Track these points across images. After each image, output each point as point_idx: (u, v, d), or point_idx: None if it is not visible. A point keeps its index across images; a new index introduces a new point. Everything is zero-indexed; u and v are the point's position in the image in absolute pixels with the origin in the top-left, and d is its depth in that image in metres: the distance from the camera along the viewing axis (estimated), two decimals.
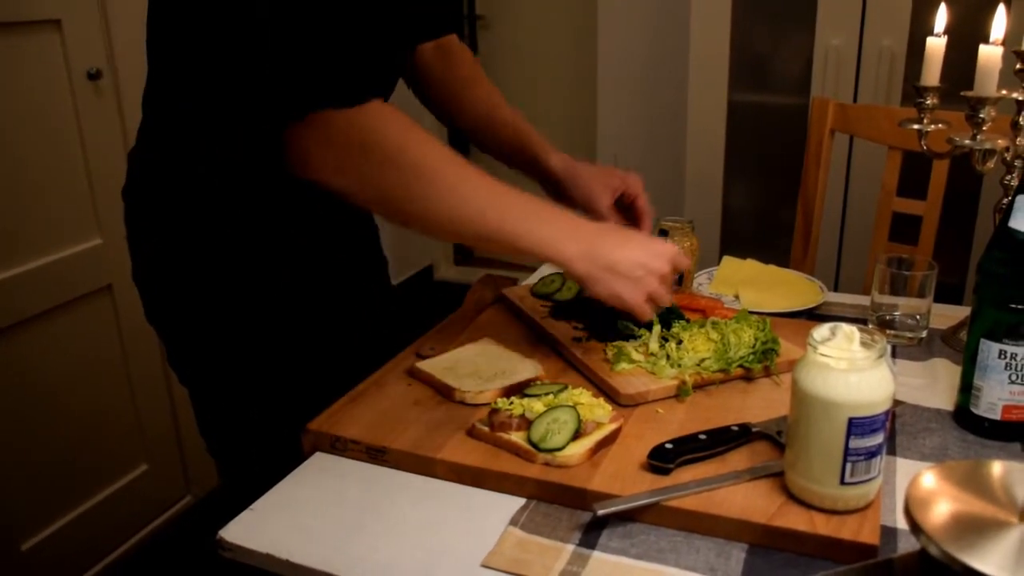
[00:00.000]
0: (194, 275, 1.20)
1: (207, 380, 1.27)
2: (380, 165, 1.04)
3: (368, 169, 1.04)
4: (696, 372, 1.13)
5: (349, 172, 1.05)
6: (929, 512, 0.63)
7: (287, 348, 1.23)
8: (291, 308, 1.22)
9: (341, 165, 1.04)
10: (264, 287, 1.20)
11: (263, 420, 1.24)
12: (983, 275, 1.04)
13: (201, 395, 1.30)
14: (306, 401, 1.11)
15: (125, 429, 2.35)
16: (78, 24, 2.07)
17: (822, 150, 1.89)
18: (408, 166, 1.04)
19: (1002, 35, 1.21)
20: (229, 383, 1.25)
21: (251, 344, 1.22)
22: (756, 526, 0.86)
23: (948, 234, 1.89)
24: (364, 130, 1.03)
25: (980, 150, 1.22)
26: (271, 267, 1.19)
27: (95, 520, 2.27)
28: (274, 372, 1.23)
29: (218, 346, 1.23)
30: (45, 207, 2.06)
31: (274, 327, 1.22)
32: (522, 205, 1.08)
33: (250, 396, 1.25)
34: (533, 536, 0.88)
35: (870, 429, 0.84)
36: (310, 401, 1.11)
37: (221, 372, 1.25)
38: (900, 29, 2.44)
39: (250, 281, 1.20)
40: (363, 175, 1.05)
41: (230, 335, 1.22)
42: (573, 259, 1.07)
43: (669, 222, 1.44)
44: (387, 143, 1.03)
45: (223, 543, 0.89)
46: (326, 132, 1.03)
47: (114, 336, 2.27)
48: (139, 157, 1.25)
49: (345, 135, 1.03)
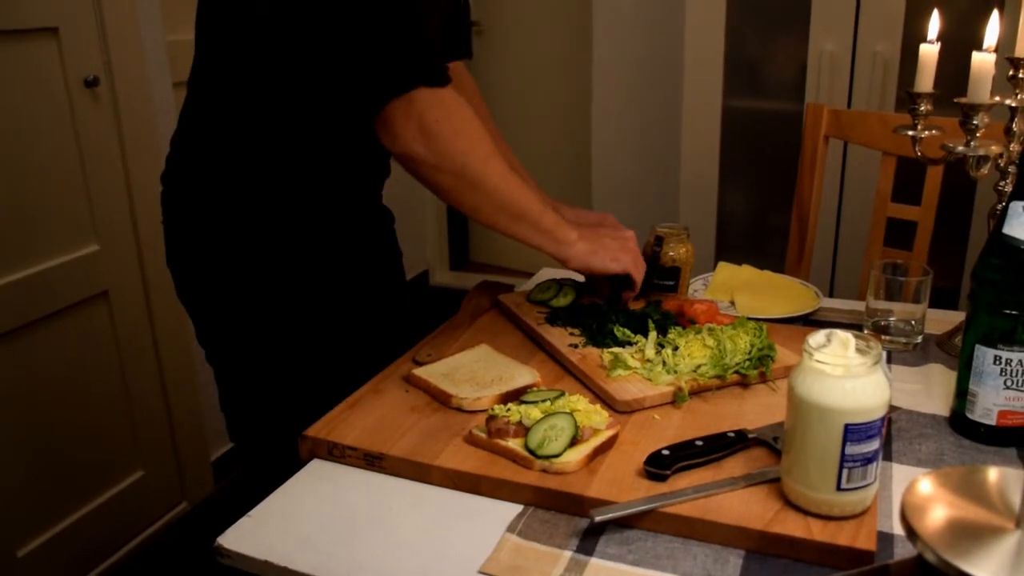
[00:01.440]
0: (224, 258, 1.27)
1: (231, 359, 1.35)
2: (448, 139, 1.17)
3: (435, 144, 1.17)
4: (692, 378, 1.14)
5: (423, 143, 1.16)
6: (925, 518, 0.64)
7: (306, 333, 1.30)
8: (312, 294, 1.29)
9: (417, 136, 1.16)
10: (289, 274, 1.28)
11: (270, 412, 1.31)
12: (977, 281, 1.05)
13: (225, 374, 1.37)
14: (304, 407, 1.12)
15: (121, 435, 2.35)
16: (75, 32, 2.07)
17: (816, 156, 1.90)
18: (481, 146, 1.20)
19: (995, 42, 1.22)
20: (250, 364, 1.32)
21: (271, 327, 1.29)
22: (753, 532, 0.86)
23: (943, 239, 1.89)
24: (441, 107, 1.16)
25: (974, 156, 1.23)
26: (297, 255, 1.28)
27: (91, 526, 2.27)
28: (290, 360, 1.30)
29: (242, 327, 1.30)
30: (42, 213, 2.06)
31: (295, 312, 1.28)
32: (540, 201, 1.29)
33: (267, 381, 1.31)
34: (530, 543, 0.88)
35: (866, 435, 0.84)
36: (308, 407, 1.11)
37: (243, 353, 1.32)
38: (894, 34, 2.45)
39: (276, 267, 1.27)
40: (432, 148, 1.17)
41: (254, 318, 1.29)
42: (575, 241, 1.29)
43: (664, 228, 1.44)
44: (450, 126, 1.17)
45: (221, 550, 0.89)
46: (413, 108, 1.14)
47: (110, 342, 2.27)
48: (180, 141, 1.31)
49: (427, 111, 1.15)
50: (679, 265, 1.42)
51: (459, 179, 1.19)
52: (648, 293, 1.43)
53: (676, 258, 1.42)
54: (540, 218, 1.26)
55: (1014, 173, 1.25)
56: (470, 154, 1.19)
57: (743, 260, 1.66)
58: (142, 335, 2.35)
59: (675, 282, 1.43)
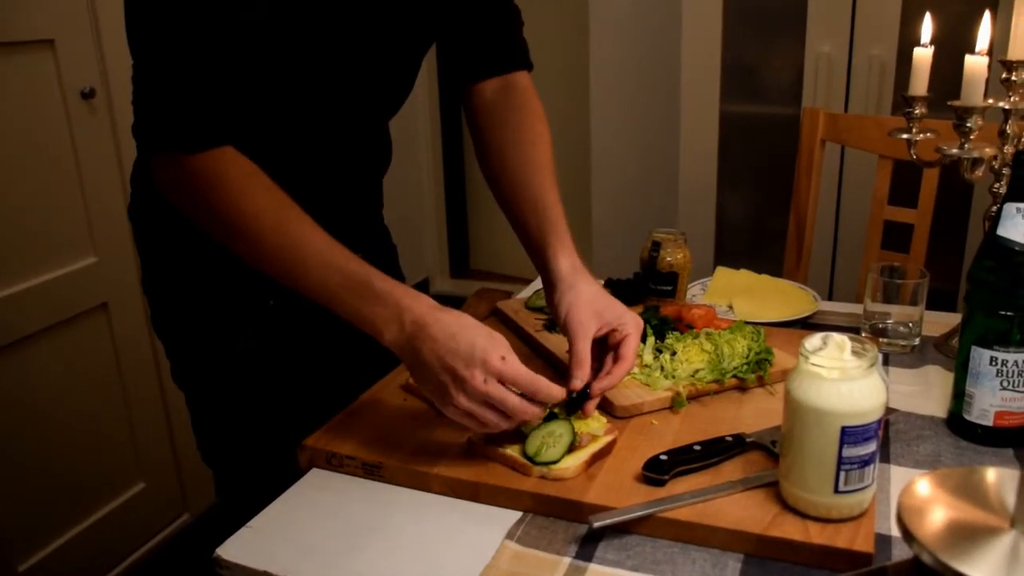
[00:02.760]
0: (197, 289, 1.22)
1: (207, 390, 1.29)
2: (211, 213, 1.04)
3: (205, 215, 1.05)
4: (690, 383, 1.14)
5: (193, 213, 1.07)
6: (921, 520, 0.64)
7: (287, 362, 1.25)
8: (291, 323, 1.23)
9: (185, 205, 1.07)
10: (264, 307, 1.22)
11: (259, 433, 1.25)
12: (973, 283, 1.05)
13: (200, 404, 1.31)
14: (303, 417, 1.12)
15: (122, 448, 2.34)
16: (71, 43, 2.07)
17: (813, 160, 1.90)
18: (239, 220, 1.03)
19: (987, 45, 1.22)
20: (228, 394, 1.26)
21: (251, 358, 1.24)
22: (751, 536, 0.86)
23: (940, 242, 1.90)
24: (202, 176, 1.03)
25: (968, 159, 1.23)
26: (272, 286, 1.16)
27: (92, 540, 2.26)
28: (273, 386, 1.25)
29: (220, 358, 1.25)
30: (40, 226, 2.06)
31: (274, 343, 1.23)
32: (351, 276, 1.01)
33: (248, 409, 1.26)
34: (529, 549, 0.88)
35: (863, 438, 0.84)
36: (307, 417, 1.11)
37: (221, 385, 1.26)
38: (889, 38, 2.45)
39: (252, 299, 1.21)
40: (204, 219, 1.06)
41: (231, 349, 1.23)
42: (392, 346, 0.99)
43: (662, 233, 1.44)
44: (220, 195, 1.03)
45: (220, 561, 0.89)
46: (174, 172, 1.05)
47: (110, 354, 2.27)
48: (137, 179, 1.26)
49: (188, 178, 1.04)
50: (676, 270, 1.43)
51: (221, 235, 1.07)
52: (646, 298, 1.44)
53: (673, 263, 1.42)
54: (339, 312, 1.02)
55: (1008, 175, 1.25)
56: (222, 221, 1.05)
57: (742, 264, 1.66)
58: (142, 346, 2.35)
59: (673, 287, 1.43)
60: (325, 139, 1.21)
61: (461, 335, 0.94)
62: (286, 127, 1.16)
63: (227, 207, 1.03)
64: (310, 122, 1.18)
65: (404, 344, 0.98)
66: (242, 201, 1.02)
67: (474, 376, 0.93)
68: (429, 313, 0.97)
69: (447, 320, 0.96)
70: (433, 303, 0.99)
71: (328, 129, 1.20)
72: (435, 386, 0.96)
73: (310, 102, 1.15)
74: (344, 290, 1.00)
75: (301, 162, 1.19)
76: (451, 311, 0.99)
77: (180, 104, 1.02)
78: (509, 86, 1.29)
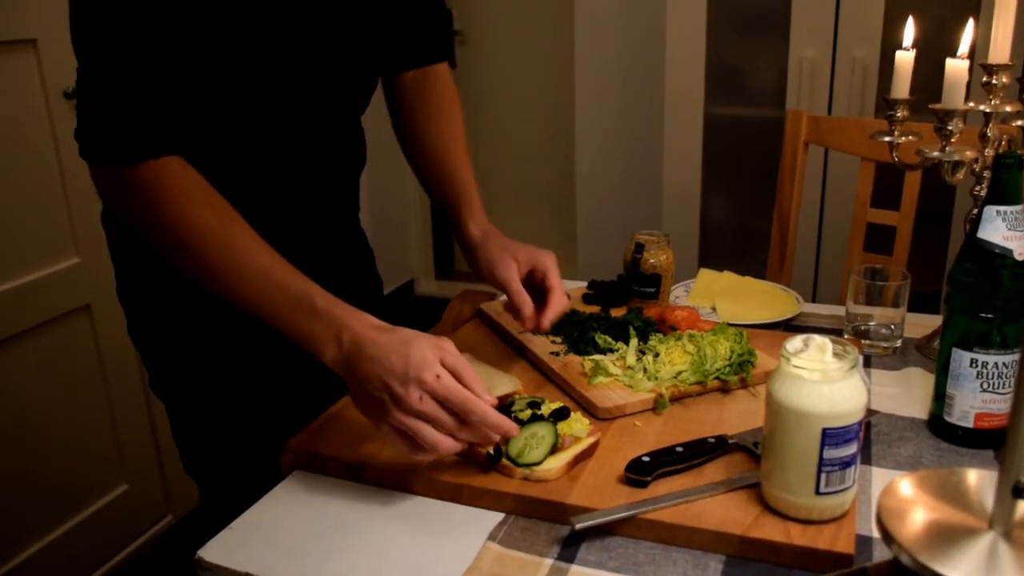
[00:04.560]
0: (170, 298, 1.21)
1: (186, 399, 1.27)
2: (153, 226, 1.04)
3: (147, 228, 1.05)
4: (673, 385, 1.14)
5: (138, 225, 1.06)
6: (900, 521, 0.64)
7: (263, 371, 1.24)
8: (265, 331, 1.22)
9: (128, 216, 1.07)
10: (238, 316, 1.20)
11: (241, 438, 1.24)
12: (953, 285, 1.06)
13: (180, 413, 1.29)
14: (284, 419, 1.11)
15: (105, 449, 2.33)
16: (54, 43, 2.06)
17: (796, 162, 1.91)
18: (179, 234, 1.02)
19: (968, 49, 1.23)
20: (208, 401, 1.25)
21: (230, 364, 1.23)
22: (733, 537, 0.86)
23: (923, 244, 1.91)
24: (142, 188, 1.02)
25: (949, 161, 1.24)
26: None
27: (75, 541, 2.25)
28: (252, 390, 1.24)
29: (195, 369, 1.24)
30: (22, 226, 2.05)
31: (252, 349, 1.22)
32: (291, 293, 1.00)
33: (229, 414, 1.25)
34: (512, 551, 0.88)
35: (844, 439, 0.85)
36: (288, 419, 1.11)
37: (200, 391, 1.25)
38: (872, 40, 2.47)
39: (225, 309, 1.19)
40: (148, 231, 1.05)
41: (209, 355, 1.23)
42: (331, 364, 0.98)
43: (645, 235, 1.45)
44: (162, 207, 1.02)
45: (202, 563, 0.89)
46: (114, 183, 1.04)
47: (93, 356, 2.26)
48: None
49: (129, 190, 1.03)
50: (660, 272, 1.43)
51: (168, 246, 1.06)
52: (629, 300, 1.44)
53: (657, 265, 1.43)
54: (278, 328, 1.02)
55: (988, 178, 1.26)
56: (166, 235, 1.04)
57: (726, 266, 1.66)
58: (125, 348, 2.32)
59: (656, 289, 1.44)
60: (290, 139, 1.19)
61: (397, 353, 0.93)
62: (248, 129, 1.15)
63: (169, 220, 1.02)
64: (273, 123, 1.17)
65: (342, 363, 0.97)
66: (184, 214, 1.01)
67: (409, 394, 0.91)
68: (367, 332, 0.96)
69: (385, 340, 0.95)
70: (375, 323, 0.99)
71: (292, 129, 1.19)
72: (373, 403, 0.95)
73: (268, 103, 1.14)
74: (284, 308, 1.00)
75: (269, 164, 1.19)
76: (393, 329, 0.98)
77: (120, 113, 1.00)
78: (428, 74, 1.38)
